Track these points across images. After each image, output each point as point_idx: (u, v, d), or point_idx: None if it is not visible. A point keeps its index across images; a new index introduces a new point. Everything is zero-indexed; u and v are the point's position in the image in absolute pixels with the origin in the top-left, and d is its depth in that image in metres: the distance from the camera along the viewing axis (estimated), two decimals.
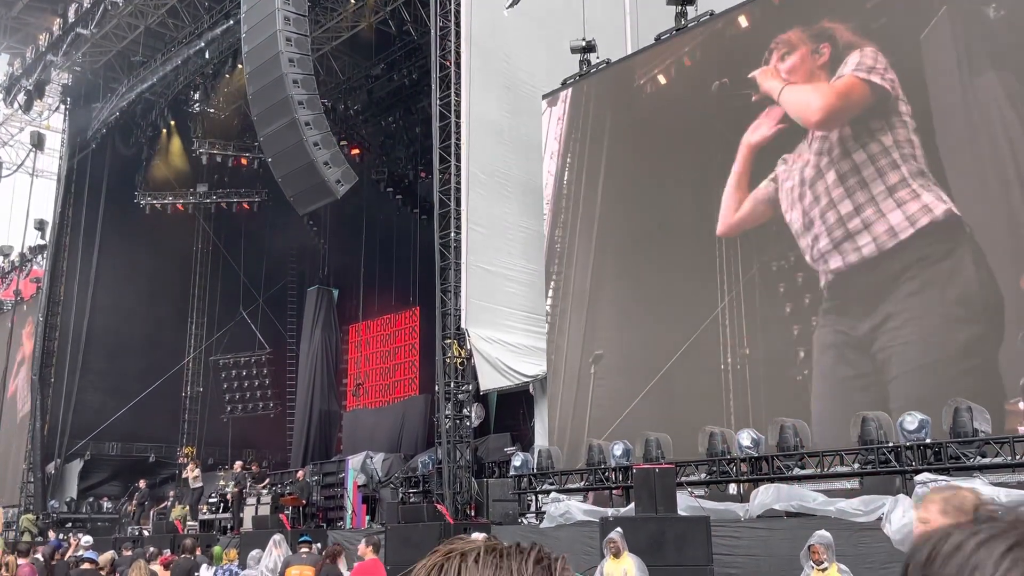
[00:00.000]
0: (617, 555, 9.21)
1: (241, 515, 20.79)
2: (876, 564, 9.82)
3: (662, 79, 16.82)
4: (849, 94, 13.87)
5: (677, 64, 16.63)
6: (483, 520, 15.70)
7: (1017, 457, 10.26)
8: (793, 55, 14.61)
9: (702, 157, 15.93)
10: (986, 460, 10.53)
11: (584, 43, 17.84)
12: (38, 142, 32.29)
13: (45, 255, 30.34)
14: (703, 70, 16.26)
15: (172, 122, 31.21)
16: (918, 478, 10.57)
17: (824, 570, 7.69)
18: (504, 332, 18.26)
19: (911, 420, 11.11)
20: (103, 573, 10.72)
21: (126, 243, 30.25)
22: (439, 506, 15.61)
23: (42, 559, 13.82)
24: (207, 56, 26.41)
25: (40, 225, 31.19)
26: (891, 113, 13.33)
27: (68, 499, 27.98)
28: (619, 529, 9.54)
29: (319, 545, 13.21)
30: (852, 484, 12.13)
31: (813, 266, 14.00)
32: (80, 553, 12.55)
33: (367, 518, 20.62)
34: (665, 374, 15.45)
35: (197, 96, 30.71)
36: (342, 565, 10.70)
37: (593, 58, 18.00)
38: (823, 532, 8.07)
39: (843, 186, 13.70)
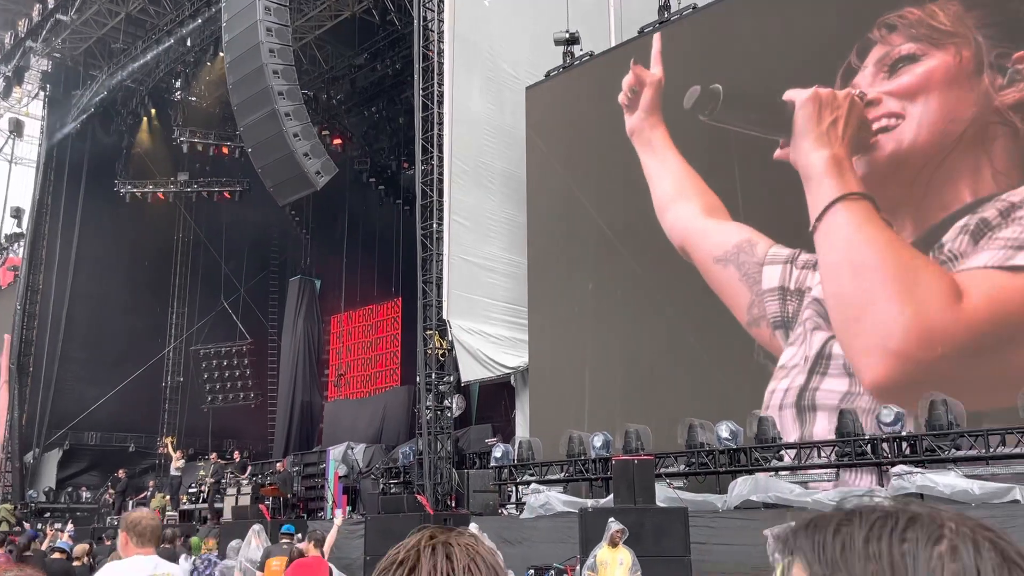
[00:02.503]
0: (615, 545, 9.32)
1: (220, 506, 20.75)
2: None
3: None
4: None
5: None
6: (463, 511, 15.76)
7: (991, 450, 10.41)
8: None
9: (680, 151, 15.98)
10: (960, 452, 10.68)
11: (568, 35, 17.85)
12: (17, 129, 32.00)
13: (23, 243, 30.07)
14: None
15: (153, 110, 30.99)
16: (894, 470, 10.72)
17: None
18: (486, 323, 18.29)
19: (887, 413, 11.25)
20: (77, 564, 10.69)
21: (106, 232, 30.02)
22: (420, 497, 15.64)
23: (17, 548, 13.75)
24: (188, 44, 26.21)
25: (17, 213, 30.92)
26: None
27: (46, 489, 27.81)
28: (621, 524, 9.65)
29: (301, 536, 13.20)
30: (830, 476, 12.26)
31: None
32: (56, 543, 12.51)
33: (348, 508, 20.64)
34: (646, 366, 15.54)
35: (178, 84, 30.51)
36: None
37: (577, 50, 18.03)
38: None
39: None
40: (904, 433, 11.16)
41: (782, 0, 15.66)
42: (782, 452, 12.45)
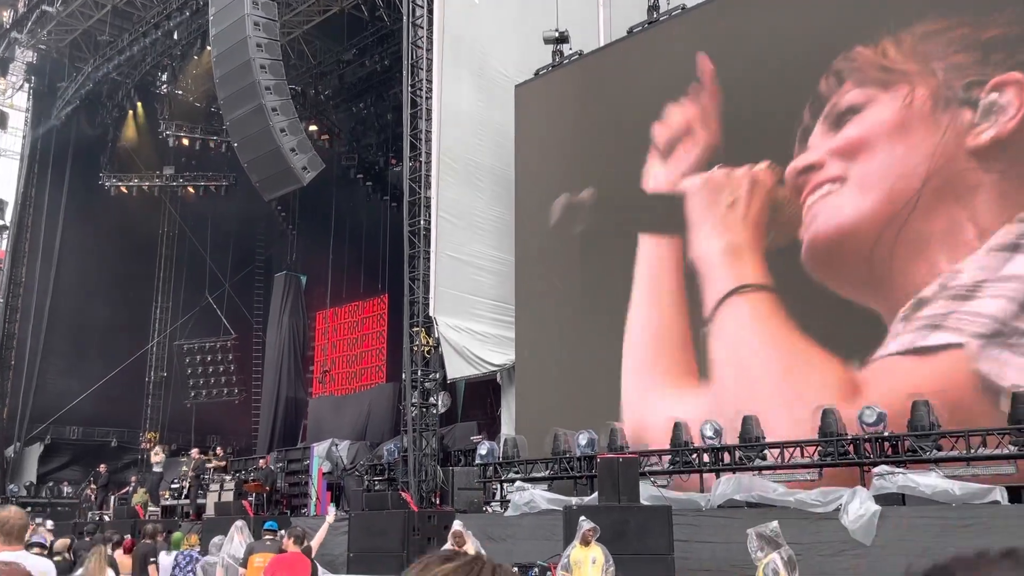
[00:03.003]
0: (587, 544, 9.34)
1: (203, 501, 20.67)
2: (829, 553, 10.05)
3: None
4: None
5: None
6: (448, 508, 15.75)
7: (972, 451, 10.49)
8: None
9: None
10: (941, 453, 10.75)
11: (557, 34, 17.85)
12: (1, 120, 31.70)
13: (7, 235, 29.83)
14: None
15: (139, 103, 30.76)
16: (875, 470, 10.79)
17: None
18: (472, 321, 18.28)
19: (870, 413, 11.31)
20: (58, 559, 10.61)
21: (90, 225, 29.80)
22: (404, 494, 15.62)
23: None
24: (175, 37, 26.04)
25: (0, 205, 30.68)
26: None
27: (27, 483, 27.61)
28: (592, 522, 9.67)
29: (284, 532, 13.16)
30: (812, 475, 12.33)
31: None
32: (32, 538, 12.40)
33: (332, 505, 20.59)
34: (632, 364, 15.57)
35: (164, 78, 30.31)
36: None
37: (566, 49, 18.03)
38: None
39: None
40: (886, 434, 11.23)
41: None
42: (765, 451, 12.51)
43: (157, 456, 23.85)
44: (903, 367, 11.52)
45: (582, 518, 9.57)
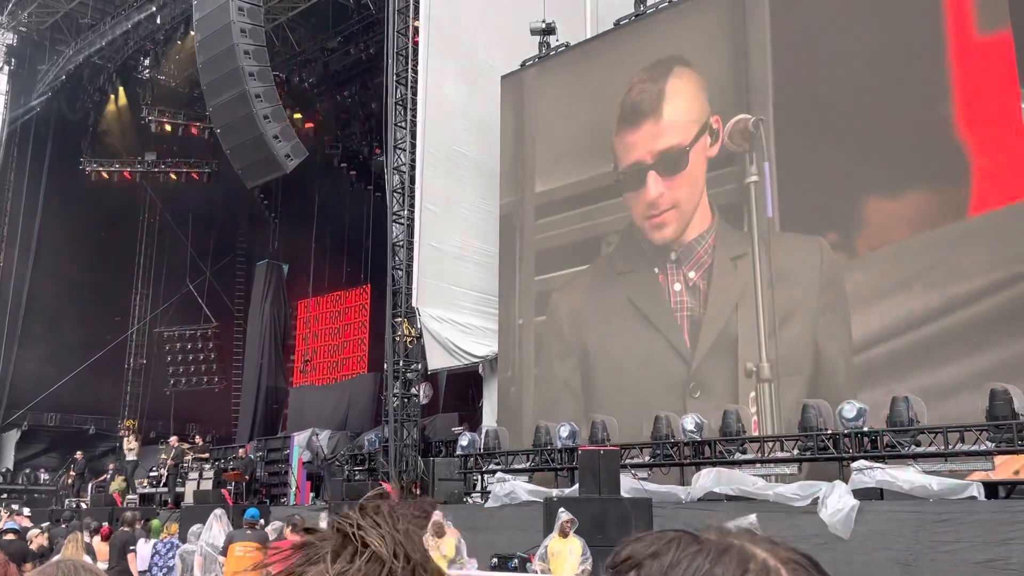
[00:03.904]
0: (565, 535, 9.36)
1: (181, 490, 20.56)
2: (807, 546, 9.95)
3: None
4: None
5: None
6: (427, 498, 15.72)
7: (950, 447, 10.58)
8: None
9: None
10: (920, 449, 10.84)
11: (544, 25, 17.81)
12: None
13: None
14: None
15: (120, 88, 30.41)
16: (854, 465, 10.86)
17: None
18: (455, 312, 18.24)
19: (850, 408, 11.39)
20: (31, 546, 10.53)
21: (70, 210, 29.47)
22: (384, 484, 15.60)
23: None
24: (158, 22, 25.78)
25: None
26: None
27: (4, 470, 27.37)
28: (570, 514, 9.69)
29: (263, 522, 13.12)
30: (792, 469, 12.40)
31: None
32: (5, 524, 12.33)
33: (311, 495, 20.53)
34: (613, 357, 15.58)
35: (147, 62, 29.98)
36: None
37: (553, 41, 17.99)
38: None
39: None
40: (866, 429, 11.31)
41: None
42: (745, 445, 12.57)
43: (130, 444, 23.70)
44: None
45: (561, 509, 9.60)
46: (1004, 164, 10.05)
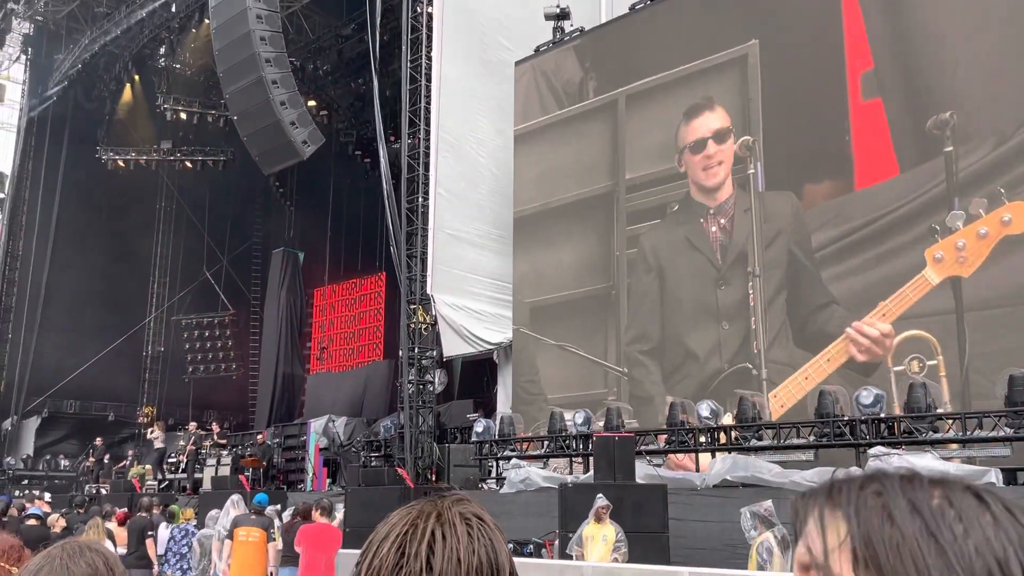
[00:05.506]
0: (600, 520, 9.35)
1: (199, 476, 20.72)
2: None
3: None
4: None
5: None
6: (444, 485, 15.79)
7: (967, 433, 10.50)
8: None
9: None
10: (937, 435, 10.77)
11: (558, 10, 17.71)
12: None
13: (3, 208, 29.71)
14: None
15: (136, 76, 30.50)
16: (871, 451, 10.80)
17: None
18: (469, 299, 18.24)
19: (867, 395, 11.32)
20: (55, 530, 10.64)
21: (88, 198, 29.68)
22: (400, 470, 15.66)
23: None
24: (173, 9, 25.79)
25: None
26: None
27: (24, 456, 27.67)
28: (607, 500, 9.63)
29: (276, 507, 13.21)
30: (808, 456, 12.35)
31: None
32: (29, 510, 12.49)
33: (328, 481, 20.65)
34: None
35: (163, 51, 30.05)
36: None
37: (567, 25, 17.88)
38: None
39: None
40: (883, 415, 11.23)
41: None
42: (761, 432, 12.52)
43: (154, 434, 23.86)
44: None
45: (599, 495, 9.56)
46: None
